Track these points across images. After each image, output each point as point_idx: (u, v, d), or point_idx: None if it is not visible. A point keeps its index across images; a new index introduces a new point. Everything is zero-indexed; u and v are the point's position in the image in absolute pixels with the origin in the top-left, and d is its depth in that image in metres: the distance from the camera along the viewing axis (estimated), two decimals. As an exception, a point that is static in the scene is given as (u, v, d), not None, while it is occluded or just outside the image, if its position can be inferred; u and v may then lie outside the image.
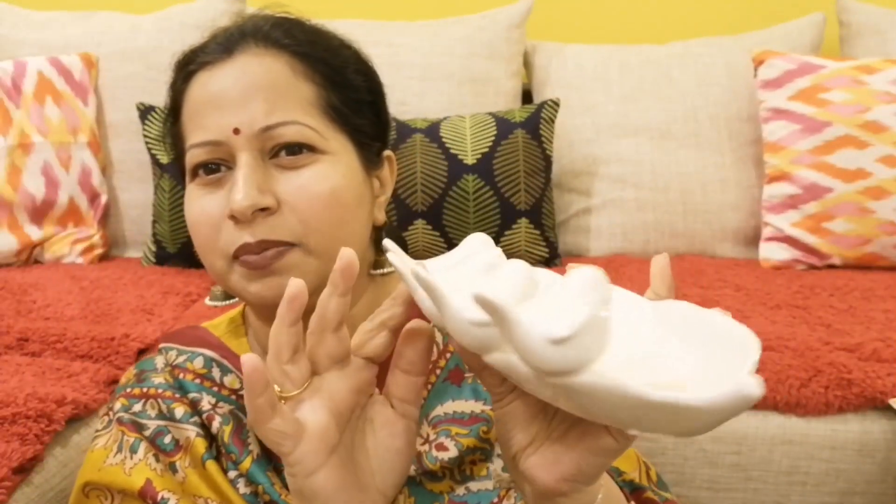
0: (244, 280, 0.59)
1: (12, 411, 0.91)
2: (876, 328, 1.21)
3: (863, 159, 1.54)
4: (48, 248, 1.64)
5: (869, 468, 1.07)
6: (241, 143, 0.58)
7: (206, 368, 0.66)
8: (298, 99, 0.60)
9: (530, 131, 1.60)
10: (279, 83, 0.60)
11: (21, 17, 1.82)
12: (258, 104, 0.58)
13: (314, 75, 0.62)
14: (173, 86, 0.64)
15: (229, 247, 0.58)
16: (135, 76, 1.72)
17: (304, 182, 0.58)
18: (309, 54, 0.62)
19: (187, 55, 0.63)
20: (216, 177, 0.60)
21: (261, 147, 0.59)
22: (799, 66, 1.63)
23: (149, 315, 1.29)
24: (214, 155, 0.59)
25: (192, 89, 0.61)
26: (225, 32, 0.63)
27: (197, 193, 0.61)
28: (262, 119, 0.58)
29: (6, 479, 0.83)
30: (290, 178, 0.59)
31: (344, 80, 0.63)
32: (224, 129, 0.58)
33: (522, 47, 1.85)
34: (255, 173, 0.58)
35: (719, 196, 1.71)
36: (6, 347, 1.14)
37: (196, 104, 0.61)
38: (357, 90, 0.64)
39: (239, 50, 0.61)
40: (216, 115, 0.59)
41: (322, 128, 0.60)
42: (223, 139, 0.58)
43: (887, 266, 1.57)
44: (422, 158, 1.57)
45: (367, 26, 1.81)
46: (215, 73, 0.60)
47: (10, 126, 1.62)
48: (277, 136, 0.58)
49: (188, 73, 0.62)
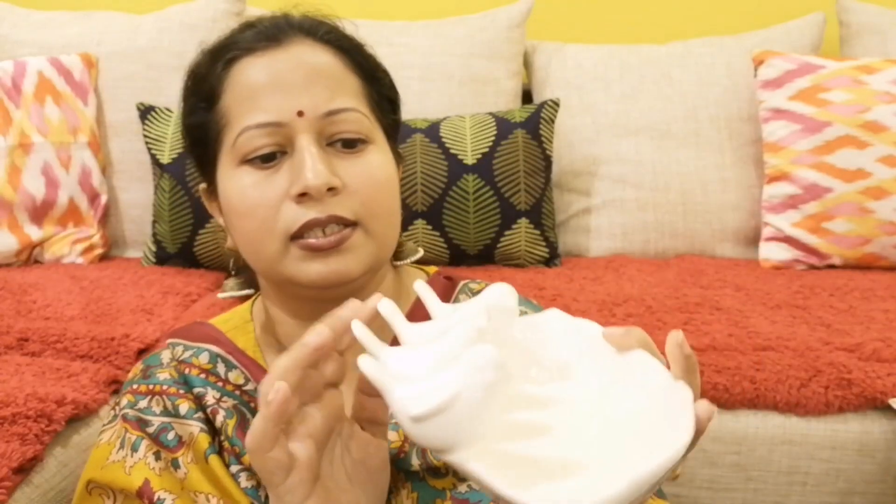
0: (301, 262, 0.60)
1: (12, 411, 0.91)
2: (876, 328, 1.21)
3: (863, 159, 1.54)
4: (48, 248, 1.64)
5: (869, 468, 1.07)
6: (303, 126, 0.59)
7: (212, 364, 0.66)
8: (351, 89, 0.62)
9: (530, 131, 1.60)
10: (334, 73, 0.62)
11: (21, 17, 1.82)
12: (320, 90, 0.60)
13: (357, 69, 0.64)
14: (209, 73, 0.64)
15: (292, 225, 0.59)
16: (135, 76, 1.72)
17: (364, 168, 0.61)
18: (349, 49, 0.65)
19: (223, 43, 0.64)
20: (272, 163, 0.60)
21: (320, 131, 0.60)
22: (799, 66, 1.63)
23: (149, 315, 1.29)
24: (272, 138, 0.60)
25: (238, 74, 0.62)
26: (266, 23, 0.64)
27: (253, 177, 0.60)
28: (325, 104, 0.60)
29: (6, 479, 0.83)
30: (351, 162, 0.60)
31: (377, 76, 0.67)
32: (287, 111, 0.59)
33: (522, 47, 1.85)
34: (322, 154, 0.59)
35: (719, 196, 1.71)
36: (6, 347, 1.14)
37: (249, 88, 0.61)
38: (386, 87, 0.68)
39: (288, 40, 0.62)
40: (279, 97, 0.59)
41: (372, 118, 0.63)
42: (286, 121, 0.59)
43: (887, 266, 1.57)
44: (422, 158, 1.57)
45: (367, 26, 1.78)
46: (267, 59, 0.61)
47: (10, 126, 1.62)
48: (339, 121, 0.60)
49: (228, 60, 0.62)
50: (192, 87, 0.66)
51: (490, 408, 0.39)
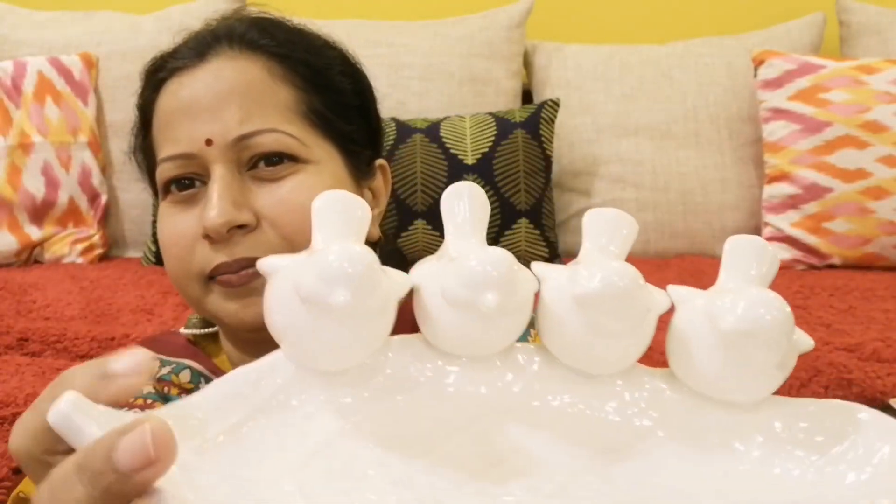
0: (221, 299, 0.54)
1: (12, 411, 0.91)
2: (876, 328, 1.21)
3: (863, 159, 1.54)
4: (48, 248, 1.64)
5: (869, 468, 1.07)
6: (214, 155, 0.53)
7: (194, 383, 0.61)
8: (276, 104, 0.56)
9: (530, 131, 1.60)
10: (255, 88, 0.55)
11: (21, 17, 1.82)
12: (232, 112, 0.54)
13: (294, 78, 0.57)
14: (142, 96, 0.60)
15: (205, 267, 0.54)
16: (135, 76, 1.68)
17: (285, 195, 0.54)
18: (288, 55, 0.58)
19: (157, 62, 0.60)
20: (189, 193, 0.55)
21: (236, 158, 0.54)
22: (799, 66, 1.63)
23: (149, 315, 1.29)
24: (187, 169, 0.55)
25: (161, 99, 0.58)
26: (196, 36, 0.59)
27: (169, 212, 0.56)
28: (237, 128, 0.54)
29: (6, 479, 0.83)
30: (269, 190, 0.54)
31: (328, 82, 0.59)
32: (196, 140, 0.54)
33: (522, 47, 1.85)
34: (231, 187, 0.53)
35: (719, 196, 1.71)
36: (6, 347, 1.14)
37: (166, 114, 0.56)
38: (343, 93, 0.60)
39: (212, 54, 0.57)
40: (187, 125, 0.54)
41: (303, 135, 0.56)
42: (195, 151, 0.54)
43: (887, 266, 1.57)
44: (422, 158, 1.57)
45: (367, 26, 1.80)
46: (186, 79, 0.56)
47: (10, 126, 1.62)
48: (254, 145, 0.54)
49: (158, 82, 0.58)
50: (136, 110, 0.62)
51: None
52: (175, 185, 0.56)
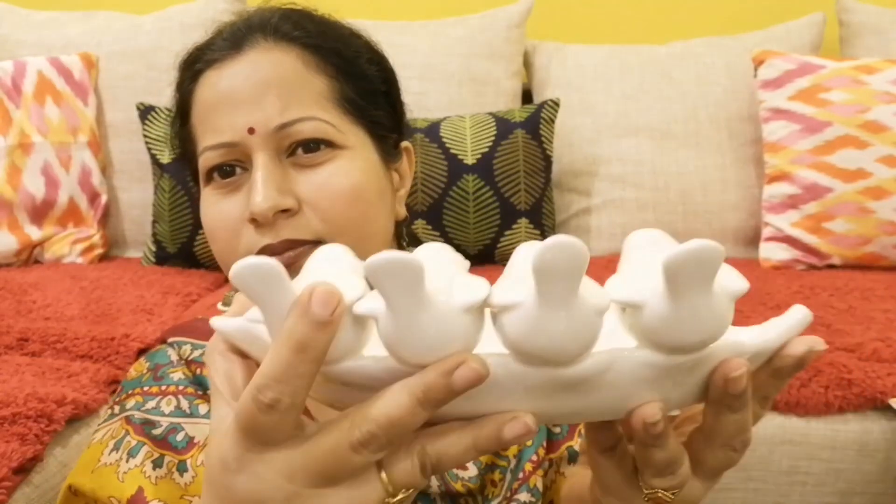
0: None
1: (12, 411, 0.91)
2: (876, 328, 1.21)
3: (863, 159, 1.54)
4: (48, 248, 1.64)
5: (869, 468, 1.07)
6: (256, 143, 0.56)
7: None
8: (312, 93, 0.58)
9: (530, 131, 1.60)
10: (291, 78, 0.58)
11: (21, 17, 1.82)
12: (272, 101, 0.57)
13: (327, 67, 0.60)
14: (180, 87, 0.62)
15: (251, 249, 0.56)
16: (135, 76, 1.72)
17: (325, 180, 0.57)
18: (320, 46, 0.60)
19: (193, 53, 0.62)
20: (232, 180, 0.58)
21: (277, 146, 0.57)
22: (799, 66, 1.63)
23: (149, 315, 1.29)
24: (229, 157, 0.57)
25: (200, 90, 0.60)
26: (231, 27, 0.61)
27: (213, 198, 0.59)
28: (277, 117, 0.56)
29: (6, 479, 0.83)
30: (309, 176, 0.57)
31: (357, 70, 0.62)
32: (238, 129, 0.56)
33: (522, 47, 1.85)
34: (274, 174, 0.56)
35: (719, 196, 1.71)
36: (6, 347, 1.14)
37: (206, 105, 0.59)
38: (371, 81, 0.63)
39: (247, 45, 0.59)
40: (229, 115, 0.57)
41: (338, 122, 0.59)
42: (238, 140, 0.57)
43: (887, 266, 1.57)
44: (422, 158, 1.57)
45: (366, 26, 1.80)
46: (224, 71, 0.58)
47: (10, 126, 1.62)
48: (294, 133, 0.57)
49: (195, 73, 0.60)
50: (174, 100, 0.64)
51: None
52: (217, 172, 0.58)
